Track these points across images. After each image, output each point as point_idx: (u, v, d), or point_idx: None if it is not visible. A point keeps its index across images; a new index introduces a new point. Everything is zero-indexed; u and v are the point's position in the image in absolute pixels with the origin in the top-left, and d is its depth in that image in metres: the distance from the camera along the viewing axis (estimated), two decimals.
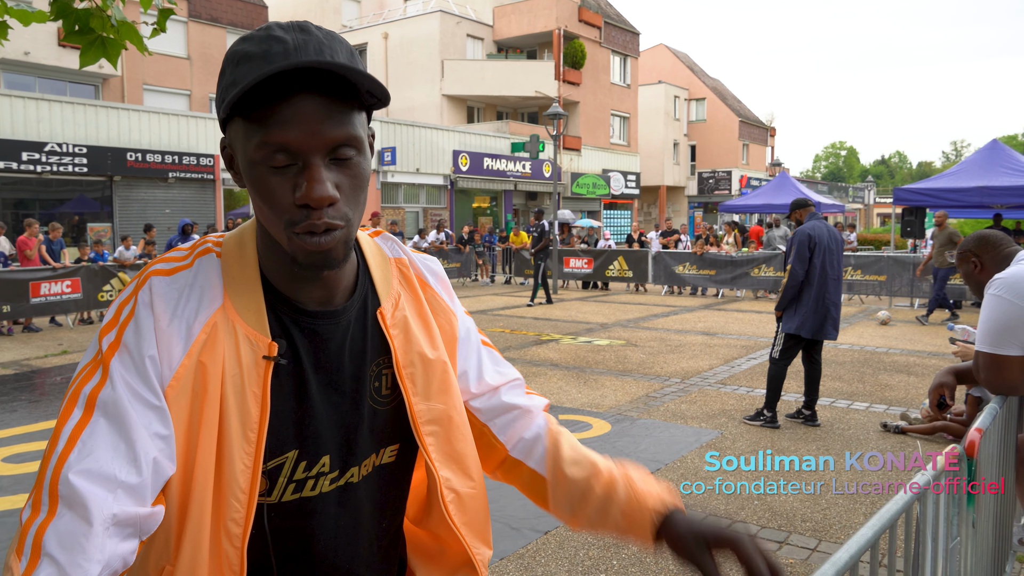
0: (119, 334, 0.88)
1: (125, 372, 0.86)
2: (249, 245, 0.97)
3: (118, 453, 0.81)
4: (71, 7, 2.90)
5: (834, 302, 5.74)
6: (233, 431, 0.90)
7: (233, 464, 0.90)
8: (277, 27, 0.87)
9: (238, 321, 0.92)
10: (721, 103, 42.63)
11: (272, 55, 0.84)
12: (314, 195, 0.84)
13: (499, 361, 1.22)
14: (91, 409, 0.84)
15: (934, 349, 9.35)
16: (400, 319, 1.04)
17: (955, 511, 1.89)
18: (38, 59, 19.68)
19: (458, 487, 1.07)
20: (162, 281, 0.91)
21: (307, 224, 0.86)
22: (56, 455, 0.81)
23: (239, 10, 24.52)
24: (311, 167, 0.85)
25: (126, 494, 0.80)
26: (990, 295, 2.38)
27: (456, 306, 1.16)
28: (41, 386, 7.60)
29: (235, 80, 0.85)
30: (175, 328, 0.89)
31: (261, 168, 0.86)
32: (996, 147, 13.79)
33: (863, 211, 44.69)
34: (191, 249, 0.97)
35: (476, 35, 30.26)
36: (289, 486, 0.98)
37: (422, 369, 1.04)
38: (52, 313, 11.86)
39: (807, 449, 5.23)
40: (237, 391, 0.91)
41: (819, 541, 3.76)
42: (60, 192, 17.39)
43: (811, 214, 6.05)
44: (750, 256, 15.69)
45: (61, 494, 0.78)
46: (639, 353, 9.09)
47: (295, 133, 0.84)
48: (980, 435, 2.01)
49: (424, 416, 1.04)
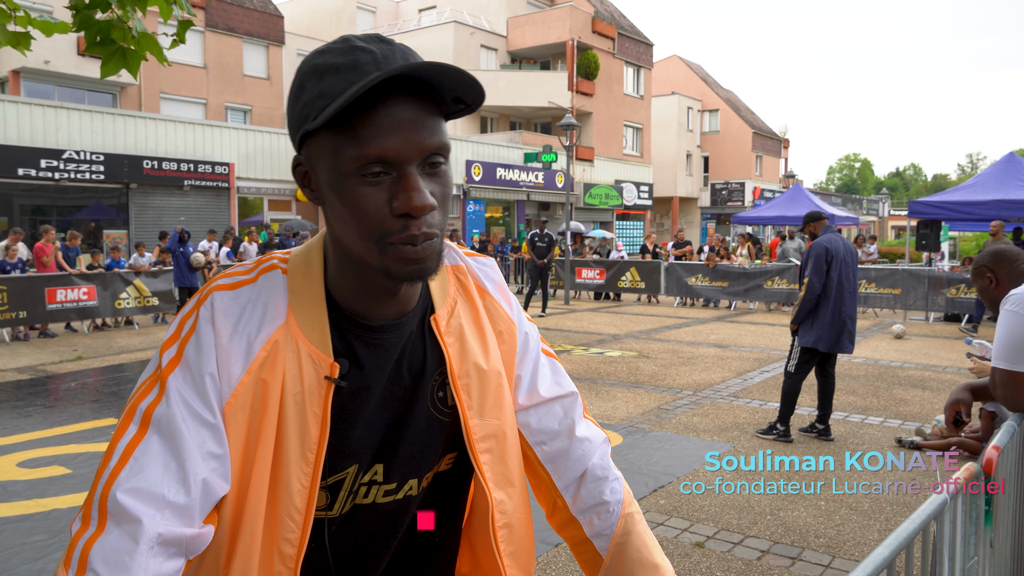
0: (180, 349, 0.88)
1: (183, 388, 0.86)
2: (316, 262, 0.95)
3: (168, 472, 0.82)
4: (93, 19, 2.94)
5: (850, 315, 5.71)
6: (291, 450, 0.89)
7: (290, 483, 0.89)
8: (356, 39, 0.86)
9: (301, 339, 0.91)
10: (735, 114, 42.56)
11: (361, 64, 0.83)
12: (415, 204, 0.83)
13: (559, 372, 1.14)
14: (146, 426, 0.84)
15: (949, 363, 9.26)
16: (456, 327, 1.01)
17: (972, 530, 1.87)
18: (57, 68, 19.94)
19: (509, 510, 1.04)
20: (224, 296, 0.90)
21: (406, 235, 0.84)
22: (108, 471, 0.82)
23: (255, 20, 24.76)
24: (409, 176, 0.84)
25: (173, 514, 0.81)
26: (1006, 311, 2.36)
27: (516, 314, 1.11)
28: (56, 391, 7.65)
29: (323, 92, 0.83)
30: (235, 344, 0.88)
31: (353, 180, 0.83)
32: (1013, 160, 13.67)
33: (877, 223, 44.43)
34: (256, 264, 0.96)
35: (490, 46, 30.40)
36: (348, 497, 0.98)
37: (477, 380, 1.01)
38: (68, 319, 11.96)
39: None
40: (298, 410, 0.90)
41: (833, 558, 3.72)
42: (77, 199, 17.57)
43: (825, 227, 6.02)
44: (763, 268, 15.61)
45: (110, 511, 0.79)
46: (651, 365, 9.06)
47: (394, 142, 0.82)
48: (998, 453, 1.99)
49: (479, 432, 1.00)
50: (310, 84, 0.85)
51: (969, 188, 13.78)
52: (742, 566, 3.62)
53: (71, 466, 5.08)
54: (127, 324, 13.07)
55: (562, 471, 1.09)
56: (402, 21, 32.77)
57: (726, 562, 3.66)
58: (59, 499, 4.43)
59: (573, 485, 1.09)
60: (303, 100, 0.85)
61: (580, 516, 1.09)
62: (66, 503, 4.36)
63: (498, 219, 27.37)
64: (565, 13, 29.68)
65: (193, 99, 23.31)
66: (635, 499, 1.14)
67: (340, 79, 0.82)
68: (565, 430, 1.09)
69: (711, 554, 3.75)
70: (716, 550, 3.80)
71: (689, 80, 43.06)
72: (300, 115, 0.86)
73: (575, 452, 1.09)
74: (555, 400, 1.11)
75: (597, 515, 1.08)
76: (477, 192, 25.16)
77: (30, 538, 3.89)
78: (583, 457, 1.09)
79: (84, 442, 5.66)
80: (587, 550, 1.09)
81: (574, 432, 1.09)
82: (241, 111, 24.74)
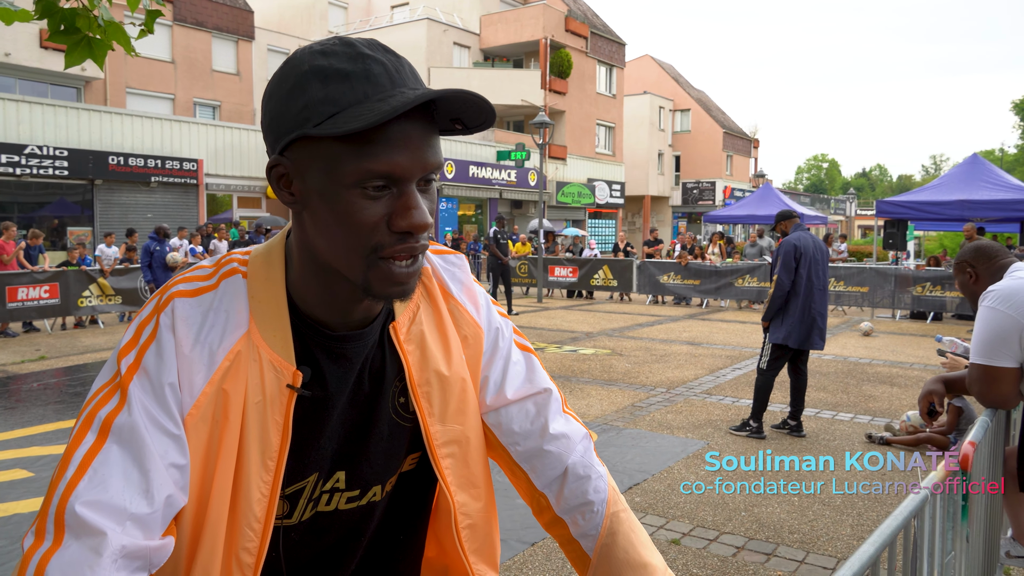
0: (139, 356, 0.85)
1: (144, 397, 0.83)
2: (276, 266, 0.93)
3: (130, 482, 0.78)
4: (56, 6, 2.84)
5: (820, 312, 5.77)
6: (252, 459, 0.87)
7: (249, 492, 0.87)
8: (360, 45, 0.83)
9: (263, 347, 0.88)
10: (705, 114, 42.93)
11: (375, 76, 0.81)
12: (416, 221, 0.82)
13: (534, 369, 1.10)
14: (105, 434, 0.80)
15: (916, 360, 9.42)
16: (416, 334, 0.99)
17: (950, 525, 1.89)
18: (19, 61, 19.45)
19: (472, 511, 1.03)
20: (185, 303, 0.87)
21: (403, 248, 0.83)
22: (65, 481, 0.78)
23: (225, 14, 24.39)
24: (409, 193, 0.83)
25: (135, 526, 0.77)
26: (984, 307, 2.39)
27: (483, 315, 1.08)
28: (17, 392, 7.45)
29: (331, 98, 0.80)
30: (197, 354, 0.85)
31: (353, 191, 0.81)
32: (976, 161, 13.97)
33: (844, 223, 45.13)
34: (216, 267, 0.92)
35: (463, 43, 30.29)
36: (308, 505, 0.96)
37: (438, 387, 0.99)
38: (29, 318, 11.67)
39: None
40: (259, 418, 0.88)
41: (807, 553, 3.74)
42: (40, 195, 17.16)
43: (796, 225, 6.08)
44: (734, 266, 15.76)
45: (68, 523, 0.75)
46: (624, 362, 9.08)
47: (402, 159, 0.81)
48: (974, 448, 2.01)
49: (440, 438, 0.99)
50: (312, 86, 0.80)
51: (934, 188, 14.05)
52: (718, 562, 3.63)
53: (33, 469, 4.94)
54: (92, 323, 12.80)
55: (539, 470, 1.06)
56: (374, 17, 32.52)
57: (702, 559, 3.67)
58: (20, 503, 4.30)
59: (555, 484, 1.06)
60: (302, 102, 0.81)
61: (565, 516, 1.07)
62: (27, 507, 4.23)
63: (471, 217, 27.31)
64: (538, 11, 29.68)
65: (161, 94, 22.89)
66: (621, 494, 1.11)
67: (351, 88, 0.79)
68: (538, 429, 1.05)
69: (687, 551, 3.76)
70: (692, 547, 3.80)
71: (661, 80, 43.34)
72: (297, 118, 0.81)
73: (551, 450, 1.05)
74: (526, 399, 1.07)
75: (582, 515, 1.05)
76: (450, 190, 25.07)
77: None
78: (560, 455, 1.06)
79: (47, 444, 5.51)
80: (574, 549, 1.08)
81: (547, 430, 1.05)
82: (210, 107, 24.35)
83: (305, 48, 0.84)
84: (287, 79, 0.83)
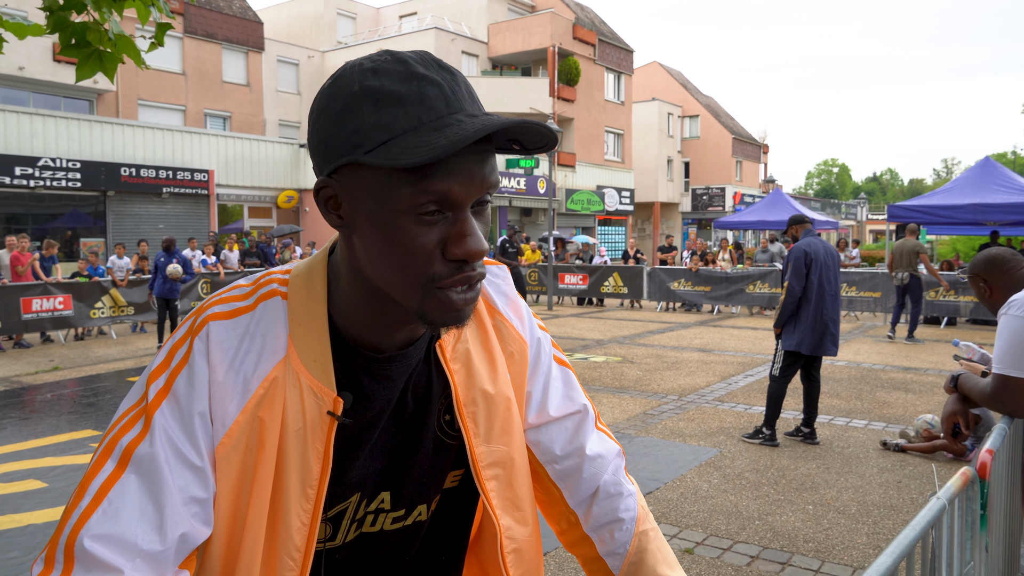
0: (169, 381, 0.82)
1: (169, 425, 0.80)
2: (319, 287, 0.89)
3: (144, 517, 0.77)
4: (68, 21, 2.87)
5: (832, 318, 5.73)
6: (291, 487, 0.84)
7: (289, 521, 0.84)
8: (413, 62, 0.78)
9: (303, 372, 0.85)
10: (714, 120, 42.87)
11: (430, 99, 0.76)
12: (472, 249, 0.78)
13: (571, 385, 1.09)
14: (124, 463, 0.78)
15: (931, 366, 9.34)
16: (462, 352, 0.96)
17: (968, 535, 1.86)
18: (33, 74, 19.66)
19: (518, 535, 1.00)
20: (220, 327, 0.84)
21: (460, 277, 0.79)
22: (79, 511, 0.76)
23: (234, 26, 24.59)
24: (466, 220, 0.78)
25: (145, 563, 0.76)
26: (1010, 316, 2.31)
27: (527, 330, 1.06)
28: (31, 403, 7.49)
29: (384, 124, 0.75)
30: (231, 380, 0.82)
31: (406, 218, 0.77)
32: (989, 164, 13.86)
33: (855, 227, 44.90)
34: (254, 287, 0.89)
35: (471, 52, 30.40)
36: (352, 526, 0.94)
37: (484, 407, 0.96)
38: (44, 329, 11.76)
39: (808, 468, 5.18)
40: (299, 446, 0.85)
41: (822, 562, 3.70)
42: (53, 207, 17.31)
43: (807, 231, 6.05)
44: (745, 272, 15.69)
45: (77, 556, 0.74)
46: (636, 370, 9.05)
47: (459, 183, 0.76)
48: (992, 456, 1.98)
49: (485, 459, 0.96)
50: (364, 110, 0.76)
51: (946, 192, 13.94)
52: (732, 572, 3.60)
53: (47, 480, 4.96)
54: (100, 334, 12.86)
55: (574, 489, 1.05)
56: (383, 27, 32.71)
57: (716, 568, 3.64)
58: (34, 514, 4.32)
59: (586, 502, 1.06)
60: (353, 126, 0.76)
61: (593, 534, 1.06)
62: (41, 518, 4.25)
63: None
64: (546, 20, 29.76)
65: (172, 106, 23.09)
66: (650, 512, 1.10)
67: (405, 113, 0.75)
68: (577, 448, 1.05)
69: (701, 560, 3.72)
70: (706, 556, 3.77)
71: (669, 86, 43.34)
72: (347, 142, 0.77)
73: (588, 470, 1.05)
74: (566, 418, 1.06)
75: (610, 533, 1.04)
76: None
77: (4, 555, 3.78)
78: (596, 475, 1.06)
79: (60, 455, 5.53)
80: (600, 568, 1.06)
81: (585, 450, 1.05)
82: (220, 118, 24.53)
83: (355, 65, 0.80)
84: (337, 99, 0.78)
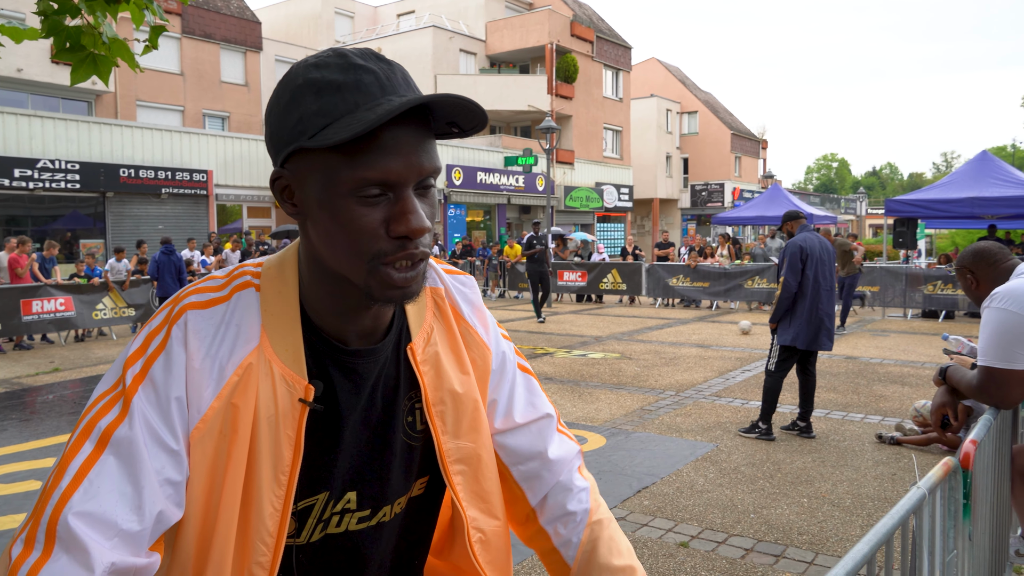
0: (146, 366, 0.85)
1: (147, 409, 0.83)
2: (290, 278, 0.93)
3: (123, 498, 0.79)
4: (62, 24, 2.89)
5: (827, 313, 5.76)
6: (263, 473, 0.88)
7: (261, 506, 0.88)
8: (353, 55, 0.84)
9: (275, 361, 0.89)
10: (713, 116, 42.85)
11: (365, 86, 0.81)
12: (414, 226, 0.83)
13: (534, 391, 1.15)
14: (103, 445, 0.81)
15: (927, 359, 9.37)
16: (431, 355, 1.01)
17: (951, 523, 1.89)
18: (31, 76, 19.68)
19: (484, 526, 1.05)
20: (198, 316, 0.88)
21: (404, 254, 0.84)
22: (60, 491, 0.78)
23: (232, 26, 24.59)
24: (407, 199, 0.83)
25: (123, 542, 0.78)
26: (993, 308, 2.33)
27: (490, 337, 1.11)
28: (32, 404, 7.53)
29: (323, 110, 0.81)
30: (207, 368, 0.86)
31: (349, 200, 0.82)
32: (986, 158, 13.88)
33: (855, 222, 44.88)
34: (229, 279, 0.93)
35: (469, 50, 30.39)
36: (318, 526, 0.97)
37: (452, 406, 1.01)
38: (44, 331, 11.79)
39: (803, 461, 5.21)
40: (271, 432, 0.88)
41: (816, 554, 3.73)
42: (53, 208, 17.35)
43: (802, 226, 6.08)
44: (743, 268, 15.72)
45: (59, 535, 0.76)
46: (633, 366, 9.08)
47: (396, 166, 0.82)
48: (975, 447, 2.01)
49: (453, 455, 1.01)
50: (306, 99, 0.82)
51: (944, 186, 13.96)
52: (727, 565, 3.63)
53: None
54: (100, 335, 12.90)
55: (536, 489, 1.11)
56: (380, 26, 32.70)
57: (711, 561, 3.67)
58: None
59: (543, 499, 1.12)
60: (297, 115, 0.82)
61: (548, 527, 1.11)
62: None
63: (479, 223, 27.35)
64: (543, 17, 29.75)
65: (170, 106, 23.10)
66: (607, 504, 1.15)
67: (342, 99, 0.81)
68: (539, 452, 1.11)
69: (695, 554, 3.76)
70: (700, 549, 3.80)
71: (668, 82, 43.31)
72: (293, 131, 0.83)
73: (549, 472, 1.11)
74: (530, 423, 1.12)
75: (563, 524, 1.09)
76: (458, 196, 25.13)
77: None
78: (555, 475, 1.12)
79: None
80: (556, 560, 1.11)
81: (548, 454, 1.11)
82: (219, 118, 24.54)
83: (301, 62, 0.86)
84: (284, 93, 0.85)
